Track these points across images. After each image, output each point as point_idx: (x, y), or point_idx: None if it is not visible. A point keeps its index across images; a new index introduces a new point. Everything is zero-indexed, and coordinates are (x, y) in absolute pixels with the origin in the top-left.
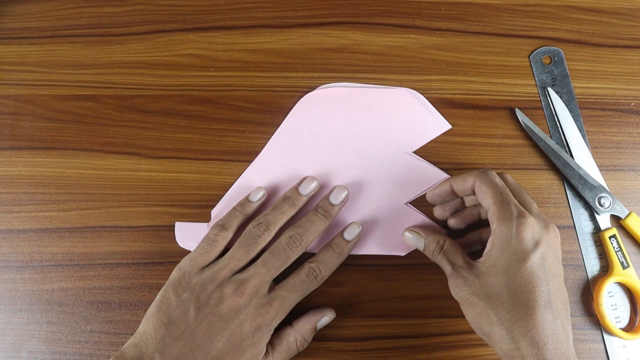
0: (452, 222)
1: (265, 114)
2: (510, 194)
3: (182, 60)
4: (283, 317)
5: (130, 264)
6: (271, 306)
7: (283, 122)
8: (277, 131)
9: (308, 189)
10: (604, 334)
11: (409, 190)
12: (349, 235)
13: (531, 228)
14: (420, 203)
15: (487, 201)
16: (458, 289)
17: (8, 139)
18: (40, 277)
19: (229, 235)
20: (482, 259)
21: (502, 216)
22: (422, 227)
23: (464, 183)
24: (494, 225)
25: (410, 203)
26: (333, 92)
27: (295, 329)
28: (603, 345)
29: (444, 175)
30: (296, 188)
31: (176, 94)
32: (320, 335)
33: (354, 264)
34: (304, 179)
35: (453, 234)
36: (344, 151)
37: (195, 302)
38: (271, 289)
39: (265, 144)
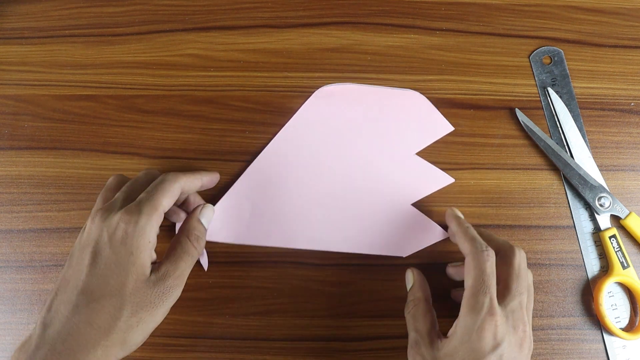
0: (451, 271)
1: (265, 114)
2: (493, 284)
3: (182, 60)
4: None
5: None
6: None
7: (295, 114)
8: (288, 122)
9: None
10: (604, 334)
11: (414, 192)
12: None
13: (494, 328)
14: (424, 204)
15: (467, 282)
16: None
17: (8, 139)
18: (40, 277)
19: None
20: (443, 342)
21: (472, 306)
22: (419, 281)
23: (460, 245)
24: (461, 311)
25: (414, 205)
26: (346, 89)
27: (181, 230)
28: (603, 345)
29: (449, 179)
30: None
31: (176, 94)
32: (321, 336)
33: (354, 264)
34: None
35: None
36: (353, 148)
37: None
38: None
39: (266, 144)
